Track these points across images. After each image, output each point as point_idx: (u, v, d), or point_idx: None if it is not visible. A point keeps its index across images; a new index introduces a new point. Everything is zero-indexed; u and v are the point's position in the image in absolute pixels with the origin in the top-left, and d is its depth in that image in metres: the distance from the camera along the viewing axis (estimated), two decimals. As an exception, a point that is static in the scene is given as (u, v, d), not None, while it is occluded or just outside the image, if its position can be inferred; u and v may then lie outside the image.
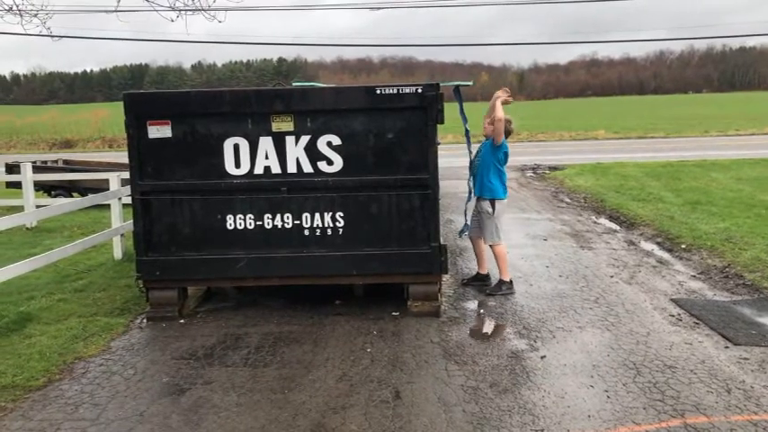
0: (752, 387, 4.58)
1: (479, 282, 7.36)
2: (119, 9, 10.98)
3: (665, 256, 8.69)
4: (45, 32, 11.31)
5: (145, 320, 6.44)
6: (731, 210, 11.29)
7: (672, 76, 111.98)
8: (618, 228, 10.80)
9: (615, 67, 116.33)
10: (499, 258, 7.14)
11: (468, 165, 7.46)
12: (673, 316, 6.17)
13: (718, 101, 71.57)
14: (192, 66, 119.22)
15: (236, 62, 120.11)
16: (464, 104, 7.63)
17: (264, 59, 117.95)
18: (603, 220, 11.50)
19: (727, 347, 5.36)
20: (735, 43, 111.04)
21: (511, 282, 7.14)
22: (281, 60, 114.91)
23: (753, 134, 34.20)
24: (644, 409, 4.30)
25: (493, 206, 7.07)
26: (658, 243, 9.42)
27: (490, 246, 7.17)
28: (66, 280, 7.97)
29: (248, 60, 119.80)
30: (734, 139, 31.80)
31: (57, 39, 12.33)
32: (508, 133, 7.20)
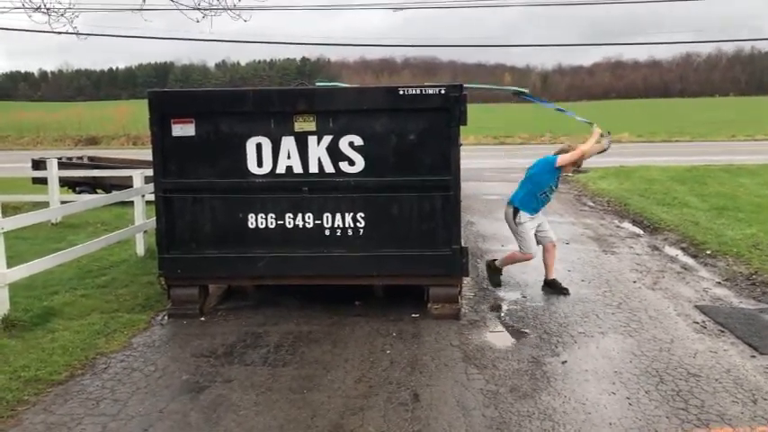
0: (778, 398, 4.49)
1: (551, 288, 7.19)
2: (144, 8, 11.11)
3: (690, 261, 8.57)
4: (72, 31, 11.46)
5: (166, 317, 6.49)
6: (759, 215, 11.09)
7: (698, 78, 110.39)
8: (641, 232, 10.66)
9: (640, 70, 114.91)
10: (515, 260, 7.33)
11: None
12: (697, 323, 6.07)
13: (746, 104, 70.47)
14: (216, 64, 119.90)
15: (259, 61, 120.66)
16: (488, 105, 7.67)
17: (288, 59, 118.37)
18: (627, 225, 11.37)
19: (753, 356, 5.26)
20: (764, 46, 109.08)
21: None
22: (304, 60, 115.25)
23: (781, 139, 33.62)
24: (667, 417, 4.23)
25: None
26: (683, 248, 9.28)
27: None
28: (89, 276, 8.05)
29: (272, 59, 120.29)
30: (762, 143, 31.28)
31: (84, 38, 12.48)
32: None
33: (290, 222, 6.33)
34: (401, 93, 6.17)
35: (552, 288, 7.13)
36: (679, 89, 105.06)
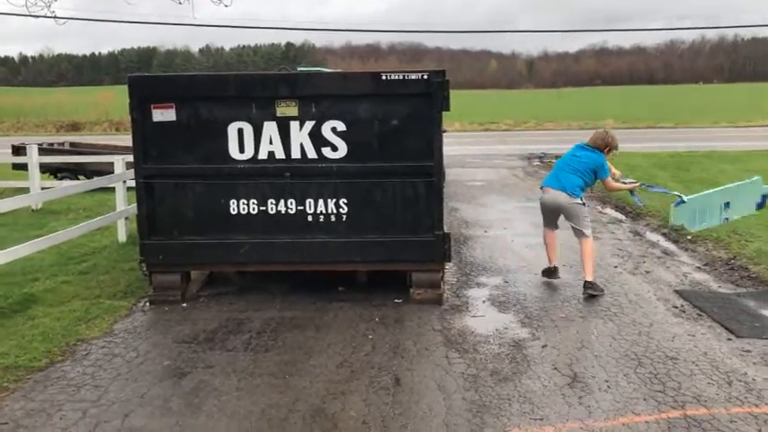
0: (753, 380, 4.56)
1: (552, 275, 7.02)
2: (125, -9, 10.95)
3: (671, 247, 8.65)
4: (50, 15, 11.30)
5: (147, 304, 6.46)
6: (738, 201, 11.19)
7: (682, 66, 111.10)
8: (623, 218, 10.76)
9: (625, 57, 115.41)
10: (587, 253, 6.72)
11: None
12: (676, 307, 6.14)
13: (729, 91, 71.06)
14: (200, 49, 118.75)
15: (243, 46, 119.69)
16: (473, 91, 7.74)
17: (273, 44, 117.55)
18: (609, 210, 11.46)
19: (729, 339, 5.33)
20: (747, 34, 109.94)
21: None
22: (289, 45, 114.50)
23: (763, 125, 33.98)
24: (644, 400, 4.28)
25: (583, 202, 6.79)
26: (664, 234, 9.37)
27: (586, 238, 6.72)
28: (71, 262, 8.00)
29: (256, 45, 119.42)
30: (744, 130, 31.58)
31: (63, 22, 12.29)
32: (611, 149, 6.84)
33: (272, 208, 6.31)
34: (384, 78, 6.14)
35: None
36: (663, 76, 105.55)
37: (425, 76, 6.12)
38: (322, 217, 6.33)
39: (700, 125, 34.95)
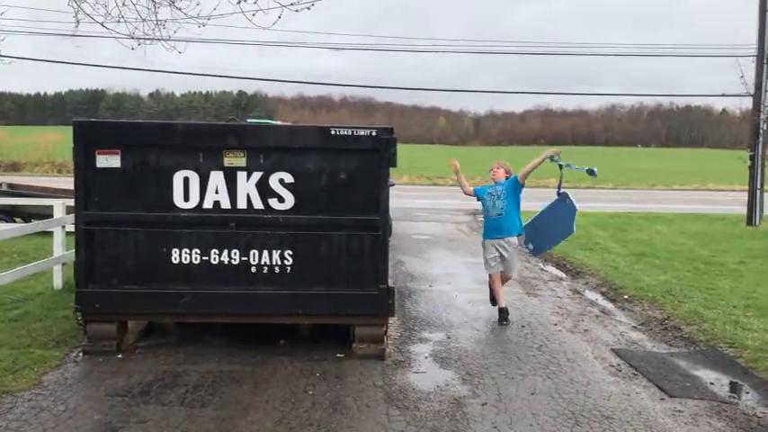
0: (685, 440, 4.68)
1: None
2: (76, 34, 10.86)
3: (609, 305, 8.87)
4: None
5: (81, 354, 6.23)
6: (673, 262, 11.63)
7: (622, 129, 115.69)
8: (564, 276, 11.00)
9: (568, 118, 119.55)
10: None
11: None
12: (613, 366, 6.28)
13: (665, 155, 74.41)
14: (150, 94, 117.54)
15: (194, 92, 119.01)
16: (422, 146, 8.05)
17: (224, 92, 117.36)
18: (550, 268, 11.70)
19: (662, 399, 5.46)
20: (681, 102, 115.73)
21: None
22: (241, 93, 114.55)
23: (696, 189, 35.57)
24: (580, 459, 4.33)
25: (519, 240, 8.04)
26: (602, 293, 9.62)
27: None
28: (1, 309, 7.67)
29: (208, 91, 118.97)
30: (678, 193, 32.96)
31: (8, 62, 12.05)
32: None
33: (215, 258, 6.24)
34: (333, 133, 6.24)
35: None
36: (604, 138, 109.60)
37: (374, 133, 6.23)
38: (266, 268, 6.28)
39: (638, 187, 36.31)
